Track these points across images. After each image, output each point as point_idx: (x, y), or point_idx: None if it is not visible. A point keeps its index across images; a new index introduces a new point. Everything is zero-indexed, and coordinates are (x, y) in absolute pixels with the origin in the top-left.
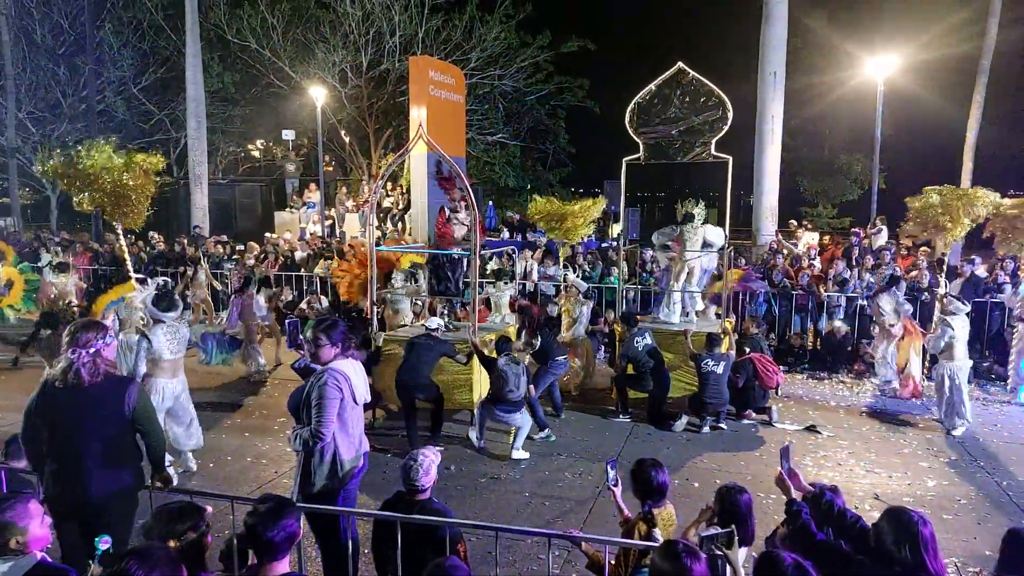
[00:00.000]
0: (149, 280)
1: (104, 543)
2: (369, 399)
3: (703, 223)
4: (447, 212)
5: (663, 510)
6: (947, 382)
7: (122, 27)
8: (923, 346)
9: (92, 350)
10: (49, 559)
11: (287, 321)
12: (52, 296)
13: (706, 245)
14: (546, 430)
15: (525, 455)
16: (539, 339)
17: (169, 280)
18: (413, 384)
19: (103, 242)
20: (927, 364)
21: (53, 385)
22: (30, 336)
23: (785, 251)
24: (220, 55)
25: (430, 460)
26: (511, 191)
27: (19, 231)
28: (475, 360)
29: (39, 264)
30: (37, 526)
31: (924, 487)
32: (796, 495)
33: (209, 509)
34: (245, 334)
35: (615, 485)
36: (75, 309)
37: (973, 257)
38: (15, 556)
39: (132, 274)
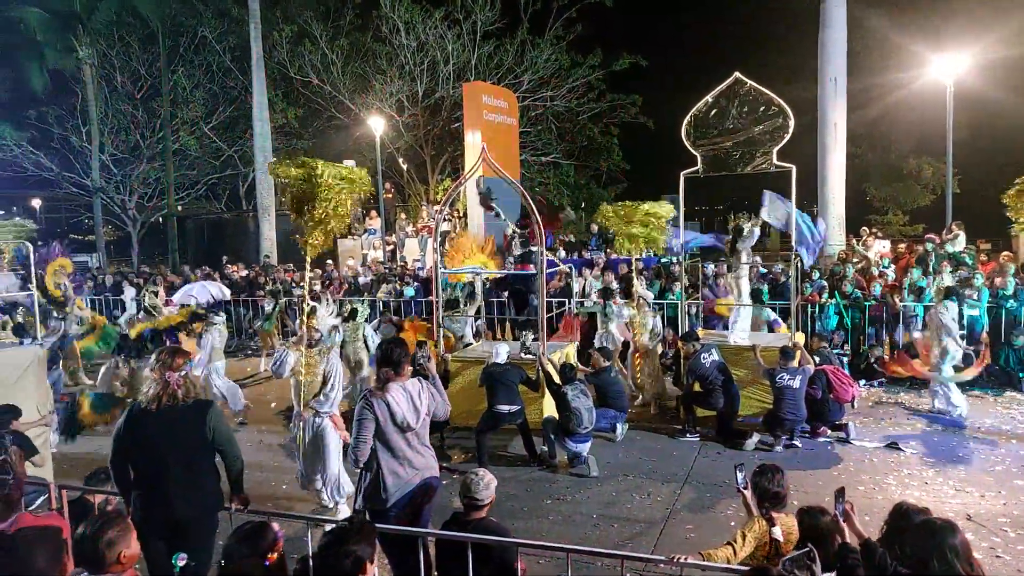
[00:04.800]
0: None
1: (181, 559)
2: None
3: (756, 237)
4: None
5: (784, 517)
6: None
7: (194, 70)
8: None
9: (183, 373)
10: None
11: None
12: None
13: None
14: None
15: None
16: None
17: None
18: (516, 412)
19: (180, 274)
20: None
21: (142, 409)
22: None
23: (856, 257)
24: (284, 92)
25: (490, 478)
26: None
27: (104, 267)
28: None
29: (122, 297)
30: (134, 543)
31: (1022, 506)
32: (851, 539)
33: (279, 528)
34: None
35: (744, 487)
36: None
37: None
38: (119, 571)
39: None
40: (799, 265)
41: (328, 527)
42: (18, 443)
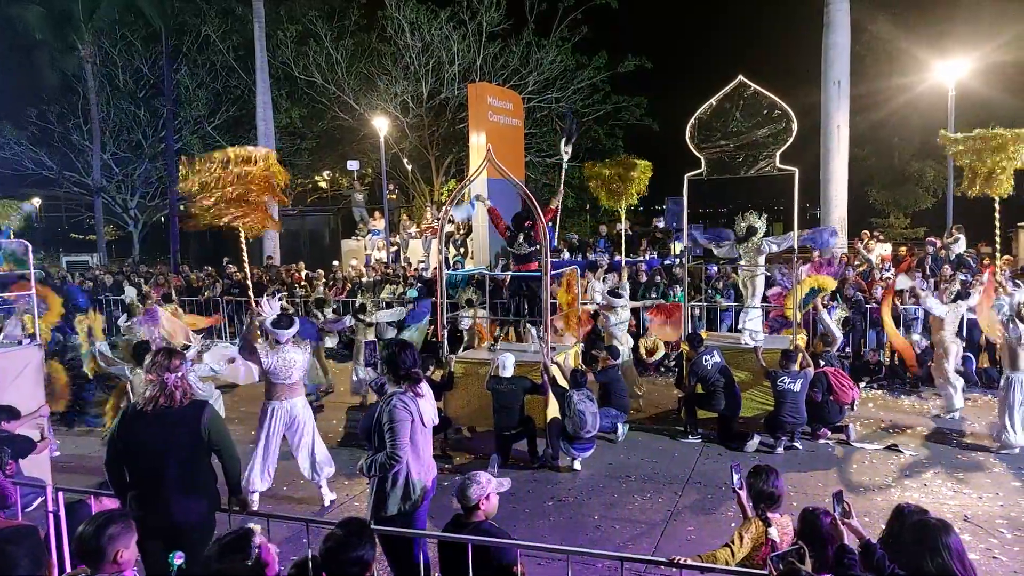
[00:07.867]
0: (270, 301)
1: (178, 558)
2: (437, 422)
3: (764, 236)
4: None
5: (779, 518)
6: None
7: (197, 69)
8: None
9: (180, 374)
10: None
11: (364, 342)
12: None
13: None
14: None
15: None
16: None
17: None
18: (516, 434)
19: (180, 274)
20: None
21: (137, 410)
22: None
23: (857, 260)
24: (288, 92)
25: (487, 480)
26: (570, 211)
27: (106, 265)
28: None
29: (123, 297)
30: (134, 546)
31: (1019, 508)
32: (849, 541)
33: (256, 528)
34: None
35: (740, 488)
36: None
37: None
38: (115, 572)
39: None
40: (798, 267)
41: (326, 529)
42: (11, 443)
